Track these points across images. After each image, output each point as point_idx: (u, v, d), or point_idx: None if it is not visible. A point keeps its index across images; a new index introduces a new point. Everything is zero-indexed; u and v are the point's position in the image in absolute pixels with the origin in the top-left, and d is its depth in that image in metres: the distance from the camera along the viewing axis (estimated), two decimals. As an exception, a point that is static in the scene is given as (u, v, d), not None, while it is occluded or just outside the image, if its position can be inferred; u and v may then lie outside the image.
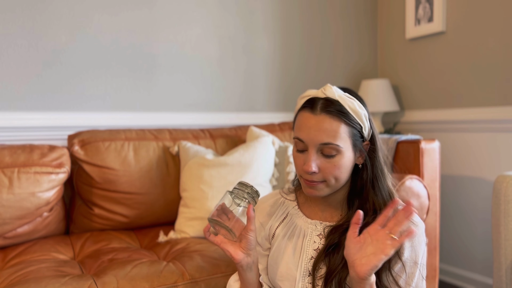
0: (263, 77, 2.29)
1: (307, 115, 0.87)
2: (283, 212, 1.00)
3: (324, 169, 0.86)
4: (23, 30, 1.72)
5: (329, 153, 0.84)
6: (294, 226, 0.96)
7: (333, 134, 0.84)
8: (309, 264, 0.91)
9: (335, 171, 0.85)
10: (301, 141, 0.87)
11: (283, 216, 0.99)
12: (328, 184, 0.87)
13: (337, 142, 0.84)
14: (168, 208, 1.65)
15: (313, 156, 0.85)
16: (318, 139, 0.84)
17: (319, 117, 0.85)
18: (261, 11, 2.27)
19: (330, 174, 0.86)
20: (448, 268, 2.29)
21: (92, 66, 1.85)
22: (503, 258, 1.35)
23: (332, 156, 0.85)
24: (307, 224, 0.95)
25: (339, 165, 0.85)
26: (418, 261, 0.86)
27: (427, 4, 2.31)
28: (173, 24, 2.03)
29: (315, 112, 0.86)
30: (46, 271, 1.18)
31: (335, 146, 0.84)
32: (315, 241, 0.92)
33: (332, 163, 0.85)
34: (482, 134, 2.11)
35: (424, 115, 2.39)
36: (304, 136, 0.86)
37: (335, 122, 0.84)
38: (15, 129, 1.72)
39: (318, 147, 0.85)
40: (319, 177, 0.86)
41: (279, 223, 0.99)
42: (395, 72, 2.58)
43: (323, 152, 0.85)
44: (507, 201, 1.33)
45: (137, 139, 1.65)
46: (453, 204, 2.26)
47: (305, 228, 0.95)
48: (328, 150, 0.84)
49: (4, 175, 1.33)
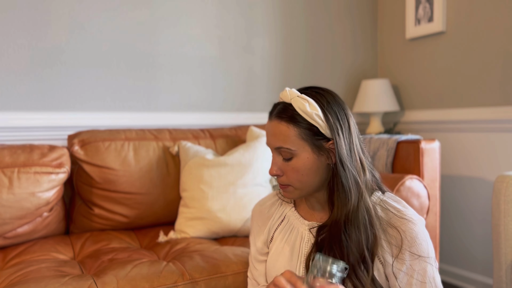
0: (263, 77, 2.29)
1: (267, 122, 0.91)
2: (280, 214, 1.00)
3: (286, 172, 0.88)
4: (23, 30, 1.72)
5: (285, 156, 0.87)
6: (292, 229, 0.96)
7: (283, 138, 0.86)
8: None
9: (295, 174, 0.87)
10: (267, 144, 0.91)
11: (281, 218, 1.00)
12: (295, 187, 0.89)
13: (287, 146, 0.86)
14: (168, 208, 1.65)
15: (275, 160, 0.89)
16: (272, 144, 0.88)
17: (272, 122, 0.89)
18: (261, 11, 2.27)
19: (291, 177, 0.88)
20: (448, 268, 2.29)
21: (92, 66, 1.85)
22: (503, 258, 1.35)
23: (289, 160, 0.87)
24: (304, 226, 0.95)
25: (297, 167, 0.86)
26: (429, 255, 0.84)
27: (427, 4, 2.31)
28: (173, 24, 2.03)
29: (270, 118, 0.90)
30: (46, 271, 1.18)
31: (286, 150, 0.86)
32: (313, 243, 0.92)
33: (291, 166, 0.87)
34: (482, 134, 2.11)
35: (424, 115, 2.38)
36: (267, 140, 0.91)
37: (282, 125, 0.86)
38: (15, 129, 1.72)
39: (276, 151, 0.88)
40: (284, 180, 0.89)
41: (277, 225, 0.99)
42: (395, 72, 2.58)
43: (281, 155, 0.88)
44: (507, 201, 1.33)
45: (137, 139, 1.65)
46: (453, 204, 2.26)
47: (302, 230, 0.95)
48: (284, 153, 0.87)
49: (4, 175, 1.33)
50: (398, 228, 0.85)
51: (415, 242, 0.84)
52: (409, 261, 0.83)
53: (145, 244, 1.53)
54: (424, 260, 0.84)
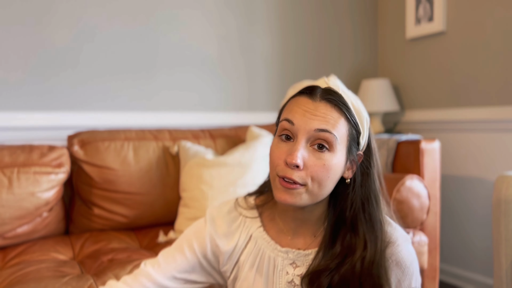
0: (263, 77, 2.29)
1: (304, 100, 0.72)
2: (246, 235, 0.83)
3: (310, 167, 0.69)
4: (24, 30, 1.71)
5: (322, 144, 0.70)
6: (261, 254, 0.80)
7: (332, 122, 0.70)
8: None
9: (322, 172, 0.69)
10: (291, 123, 0.71)
11: (246, 240, 0.82)
12: (308, 190, 0.71)
13: (335, 132, 0.70)
14: (168, 208, 1.65)
15: (301, 146, 0.69)
16: (313, 124, 0.69)
17: (318, 103, 0.71)
18: (261, 11, 2.27)
19: (316, 174, 0.69)
20: (448, 268, 2.29)
21: (92, 66, 1.85)
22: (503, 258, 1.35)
23: (323, 151, 0.70)
24: (276, 251, 0.79)
25: (328, 165, 0.70)
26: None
27: (427, 4, 2.31)
28: (173, 24, 2.03)
29: (314, 98, 0.72)
30: (46, 271, 1.18)
31: (331, 137, 0.69)
32: (288, 272, 0.78)
33: (322, 160, 0.69)
34: (482, 134, 2.11)
35: (424, 115, 2.38)
36: (297, 118, 0.71)
37: (336, 112, 0.71)
38: (15, 129, 1.72)
39: (311, 135, 0.70)
40: (301, 176, 0.69)
41: (242, 248, 0.82)
42: (395, 72, 2.58)
43: (313, 144, 0.70)
44: (507, 201, 1.33)
45: (137, 139, 1.65)
46: (453, 204, 2.26)
47: (274, 256, 0.79)
48: (321, 141, 0.70)
49: (3, 175, 1.33)
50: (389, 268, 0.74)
51: (404, 277, 0.75)
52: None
53: (145, 244, 1.52)
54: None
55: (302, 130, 0.70)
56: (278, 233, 0.81)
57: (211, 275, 0.87)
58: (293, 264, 0.78)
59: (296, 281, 0.77)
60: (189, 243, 0.84)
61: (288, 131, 0.72)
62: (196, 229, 0.86)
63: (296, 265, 0.78)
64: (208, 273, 0.86)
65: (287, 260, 0.79)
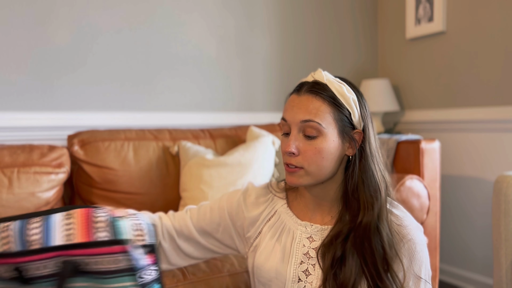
0: (263, 77, 2.29)
1: (293, 97, 0.84)
2: (271, 209, 0.94)
3: (304, 152, 0.81)
4: (24, 30, 1.71)
5: (310, 133, 0.81)
6: (283, 226, 0.90)
7: (315, 111, 0.80)
8: (298, 269, 0.85)
9: (315, 156, 0.80)
10: (285, 120, 0.84)
11: (271, 214, 0.93)
12: (307, 172, 0.82)
13: (317, 120, 0.80)
14: (168, 208, 1.64)
15: (294, 136, 0.82)
16: (299, 116, 0.81)
17: (302, 96, 0.82)
18: (261, 11, 2.27)
19: (310, 158, 0.80)
20: (448, 268, 2.29)
21: (92, 66, 1.85)
22: (503, 258, 1.35)
23: (313, 138, 0.81)
24: (296, 225, 0.89)
25: (320, 148, 0.80)
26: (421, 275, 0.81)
27: (427, 4, 2.31)
28: (173, 24, 2.03)
29: (300, 93, 0.83)
30: (45, 271, 1.18)
31: (315, 124, 0.80)
32: (305, 245, 0.87)
33: (313, 145, 0.80)
34: (482, 134, 2.11)
35: (424, 115, 2.38)
36: (287, 115, 0.83)
37: (317, 101, 0.81)
38: (15, 129, 1.72)
39: (300, 126, 0.81)
40: (299, 160, 0.81)
41: (267, 221, 0.93)
42: (395, 72, 2.58)
43: (304, 132, 0.81)
44: (507, 201, 1.33)
45: (137, 139, 1.65)
46: (453, 204, 2.26)
47: (294, 228, 0.89)
48: (310, 129, 0.80)
49: (3, 175, 1.33)
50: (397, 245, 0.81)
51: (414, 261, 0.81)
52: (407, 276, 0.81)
53: (145, 244, 1.52)
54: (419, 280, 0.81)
55: (292, 123, 0.83)
56: (299, 211, 0.91)
57: (232, 238, 0.98)
58: (310, 238, 0.87)
59: (311, 253, 0.86)
60: (221, 204, 0.98)
61: (285, 127, 0.85)
62: (231, 194, 1.00)
63: (312, 239, 0.87)
64: (230, 236, 0.97)
65: (305, 233, 0.88)
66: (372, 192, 0.82)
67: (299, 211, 0.91)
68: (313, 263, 0.85)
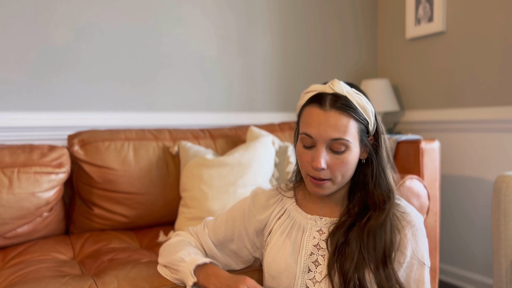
0: (263, 77, 2.29)
1: (316, 111, 0.86)
2: (281, 208, 0.99)
3: (332, 166, 0.85)
4: (24, 30, 1.72)
5: (338, 149, 0.85)
6: (293, 222, 0.95)
7: (343, 129, 0.84)
8: (308, 260, 0.90)
9: (342, 168, 0.85)
10: (310, 137, 0.86)
11: (281, 212, 0.98)
12: (334, 182, 0.88)
13: (347, 137, 0.84)
14: (168, 208, 1.65)
15: (322, 152, 0.85)
16: (329, 135, 0.84)
17: (329, 113, 0.84)
18: (261, 11, 2.27)
19: (337, 170, 0.85)
20: (448, 268, 2.29)
21: (92, 66, 1.85)
22: (503, 258, 1.35)
23: (341, 152, 0.85)
24: (306, 219, 0.94)
25: (347, 161, 0.85)
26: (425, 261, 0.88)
27: (427, 4, 2.31)
28: (173, 24, 2.03)
29: (324, 108, 0.85)
30: (46, 271, 1.18)
31: (345, 142, 0.84)
32: (315, 237, 0.92)
33: (341, 159, 0.85)
34: (482, 134, 2.11)
35: (424, 115, 2.38)
36: (314, 131, 0.85)
37: (345, 118, 0.84)
38: (15, 129, 1.72)
39: (328, 143, 0.85)
40: (327, 174, 0.86)
41: (277, 219, 0.98)
42: (395, 72, 2.58)
43: (332, 148, 0.85)
44: (507, 201, 1.33)
45: (137, 139, 1.65)
46: (453, 204, 2.26)
47: (304, 223, 0.94)
48: (338, 146, 0.84)
49: (4, 175, 1.33)
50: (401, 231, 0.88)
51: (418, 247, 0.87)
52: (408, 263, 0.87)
53: (145, 244, 1.53)
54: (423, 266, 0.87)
55: (320, 140, 0.85)
56: (308, 207, 0.97)
57: (246, 246, 1.02)
58: (319, 231, 0.92)
59: (321, 244, 0.91)
60: (233, 214, 1.03)
61: (308, 141, 0.87)
62: (241, 202, 1.05)
63: (322, 232, 0.92)
64: (244, 244, 1.02)
65: (315, 227, 0.93)
66: (385, 191, 0.89)
67: (308, 208, 0.96)
68: (323, 253, 0.90)
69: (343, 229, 0.88)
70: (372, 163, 0.90)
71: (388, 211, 0.87)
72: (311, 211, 0.96)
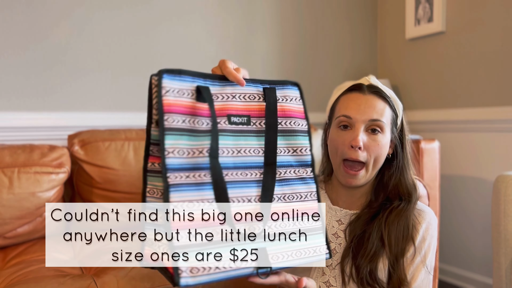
0: (263, 77, 2.29)
1: (356, 95, 0.91)
2: None
3: (368, 147, 0.88)
4: (24, 30, 1.72)
5: (375, 130, 0.89)
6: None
7: (381, 112, 0.89)
8: None
9: (377, 150, 0.89)
10: (349, 118, 0.89)
11: None
12: (367, 169, 0.90)
13: (383, 119, 0.89)
14: (168, 208, 1.64)
15: (361, 132, 0.88)
16: (368, 115, 0.88)
17: (368, 96, 0.90)
18: (261, 11, 2.27)
19: (373, 152, 0.88)
20: (448, 268, 2.29)
21: (92, 66, 1.86)
22: (503, 258, 1.35)
23: (377, 133, 0.89)
24: (328, 209, 0.98)
25: (382, 144, 0.89)
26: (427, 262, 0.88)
27: (427, 4, 2.31)
28: (173, 24, 2.03)
29: (363, 92, 0.91)
30: (46, 271, 1.18)
31: (382, 124, 0.89)
32: (334, 226, 0.95)
33: (377, 141, 0.88)
34: (482, 134, 2.11)
35: (424, 115, 2.39)
36: (353, 112, 0.89)
37: (382, 102, 0.90)
38: (15, 129, 1.72)
39: (366, 124, 0.88)
40: (364, 155, 0.88)
41: None
42: (395, 72, 2.58)
43: (368, 129, 0.89)
44: (507, 201, 1.33)
45: (137, 139, 1.65)
46: (453, 204, 2.26)
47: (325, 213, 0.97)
48: (375, 127, 0.89)
49: (4, 175, 1.33)
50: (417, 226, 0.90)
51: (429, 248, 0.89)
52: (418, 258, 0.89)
53: (145, 244, 1.52)
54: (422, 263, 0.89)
55: (359, 120, 0.89)
56: (332, 199, 1.00)
57: None
58: (339, 221, 0.95)
59: (339, 234, 0.94)
60: None
61: (346, 122, 0.90)
62: None
63: (341, 222, 0.95)
64: None
65: (335, 217, 0.96)
66: (409, 185, 0.93)
67: (332, 199, 1.00)
68: (340, 242, 0.92)
69: (363, 220, 0.91)
70: (397, 158, 0.94)
71: (413, 203, 0.91)
72: (334, 202, 0.99)
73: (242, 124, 0.73)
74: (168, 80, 0.66)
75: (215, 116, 0.68)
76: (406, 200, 0.91)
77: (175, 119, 0.64)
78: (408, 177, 0.94)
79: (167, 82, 0.66)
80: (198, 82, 0.71)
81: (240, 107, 0.73)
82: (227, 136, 0.71)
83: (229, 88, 0.75)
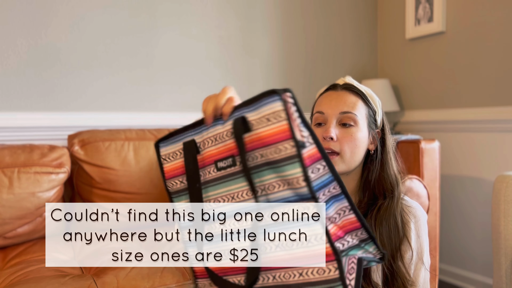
0: (263, 77, 2.29)
1: (329, 93, 0.95)
2: None
3: (341, 138, 0.90)
4: (23, 30, 1.72)
5: (347, 122, 0.91)
6: None
7: (352, 105, 0.92)
8: None
9: (351, 142, 0.90)
10: (322, 113, 0.93)
11: None
12: (343, 158, 0.91)
13: (354, 112, 0.91)
14: (168, 208, 1.65)
15: (333, 124, 0.91)
16: (339, 108, 0.91)
17: (340, 92, 0.94)
18: (261, 11, 2.27)
19: (346, 144, 0.90)
20: (448, 268, 2.29)
21: (92, 66, 1.86)
22: (503, 258, 1.35)
23: (349, 126, 0.91)
24: None
25: (355, 136, 0.90)
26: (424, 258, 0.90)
27: (427, 4, 2.31)
28: (173, 24, 2.03)
29: (336, 89, 0.95)
30: (46, 271, 1.18)
31: (353, 116, 0.90)
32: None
33: (349, 133, 0.90)
34: (482, 134, 2.11)
35: (424, 115, 2.39)
36: (325, 107, 0.93)
37: (354, 96, 0.93)
38: (15, 129, 1.72)
39: (338, 117, 0.91)
40: (336, 145, 0.90)
41: None
42: (395, 72, 2.58)
43: (342, 122, 0.91)
44: (507, 201, 1.33)
45: (137, 139, 1.65)
46: (453, 204, 2.26)
47: None
48: (347, 119, 0.91)
49: (4, 175, 1.33)
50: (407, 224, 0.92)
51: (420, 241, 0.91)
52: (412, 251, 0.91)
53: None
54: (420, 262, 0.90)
55: (330, 114, 0.92)
56: None
57: None
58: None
59: None
60: None
61: (320, 119, 0.94)
62: None
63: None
64: None
65: None
66: (392, 180, 0.95)
67: None
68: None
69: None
70: (377, 155, 0.96)
71: (397, 199, 0.92)
72: None
73: (229, 167, 0.68)
74: (164, 148, 0.73)
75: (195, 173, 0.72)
76: (389, 196, 0.93)
77: (173, 183, 0.72)
78: (390, 172, 0.95)
79: (163, 150, 0.73)
80: (188, 135, 0.74)
81: (222, 149, 0.68)
82: (218, 185, 0.69)
83: (205, 132, 0.72)
